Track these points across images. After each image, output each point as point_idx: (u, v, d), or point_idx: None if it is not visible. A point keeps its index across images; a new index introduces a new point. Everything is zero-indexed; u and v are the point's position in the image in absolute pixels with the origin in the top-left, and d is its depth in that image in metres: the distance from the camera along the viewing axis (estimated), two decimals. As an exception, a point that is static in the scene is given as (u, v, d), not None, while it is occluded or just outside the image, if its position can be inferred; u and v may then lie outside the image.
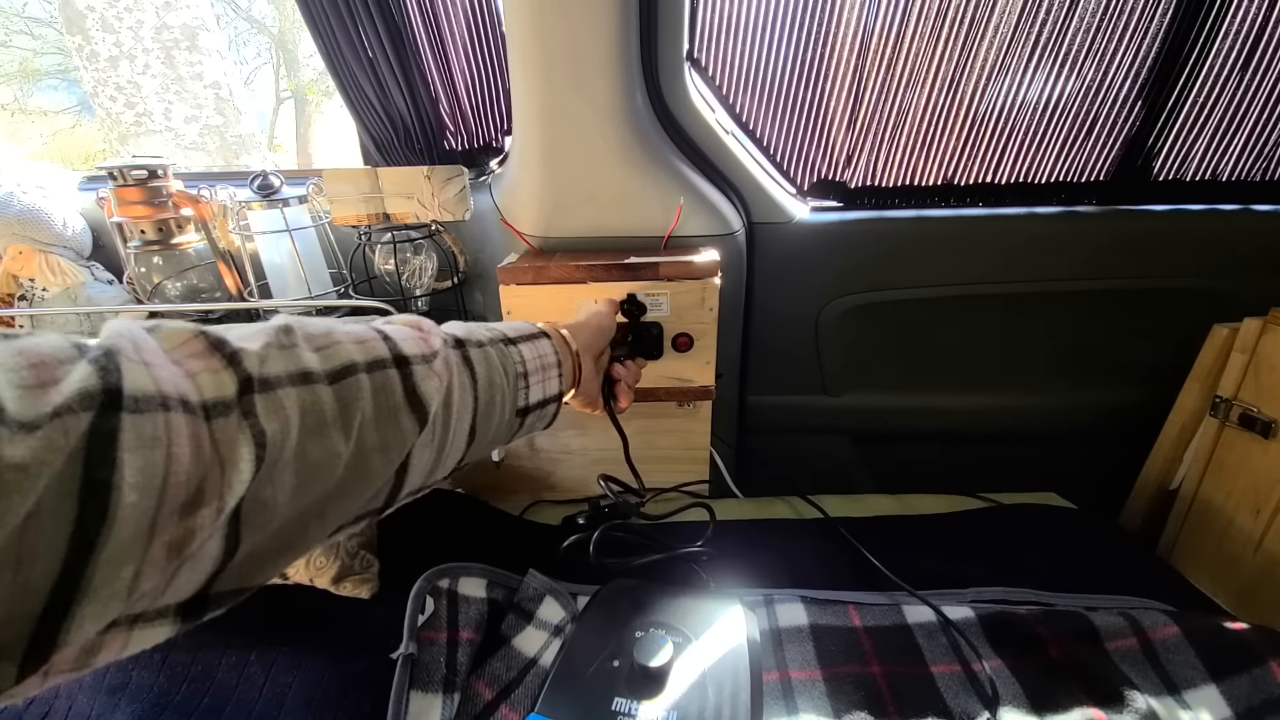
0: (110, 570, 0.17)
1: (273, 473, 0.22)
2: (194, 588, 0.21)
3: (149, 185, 0.74)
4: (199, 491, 0.20)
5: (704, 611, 0.49)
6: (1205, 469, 0.76)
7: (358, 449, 0.26)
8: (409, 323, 0.34)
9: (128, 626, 0.19)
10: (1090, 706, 0.46)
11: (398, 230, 0.76)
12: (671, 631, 0.45)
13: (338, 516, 0.27)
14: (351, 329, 0.29)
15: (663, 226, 0.72)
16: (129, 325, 0.22)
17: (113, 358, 0.19)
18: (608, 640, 0.45)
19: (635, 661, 0.41)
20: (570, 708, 0.40)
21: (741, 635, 0.47)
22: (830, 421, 0.92)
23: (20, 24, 5.34)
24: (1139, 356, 0.86)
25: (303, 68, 6.38)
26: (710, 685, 0.42)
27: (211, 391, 0.21)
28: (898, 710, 0.47)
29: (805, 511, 0.76)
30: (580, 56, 0.63)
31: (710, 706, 0.40)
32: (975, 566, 0.64)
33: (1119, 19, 0.68)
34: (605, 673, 0.42)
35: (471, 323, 0.40)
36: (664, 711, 0.39)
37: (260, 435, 0.22)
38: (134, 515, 0.18)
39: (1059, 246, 0.79)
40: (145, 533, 0.18)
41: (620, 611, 0.49)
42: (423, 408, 0.30)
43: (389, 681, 0.46)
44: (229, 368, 0.23)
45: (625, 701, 0.40)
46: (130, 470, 0.18)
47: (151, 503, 0.18)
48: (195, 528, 0.20)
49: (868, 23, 0.69)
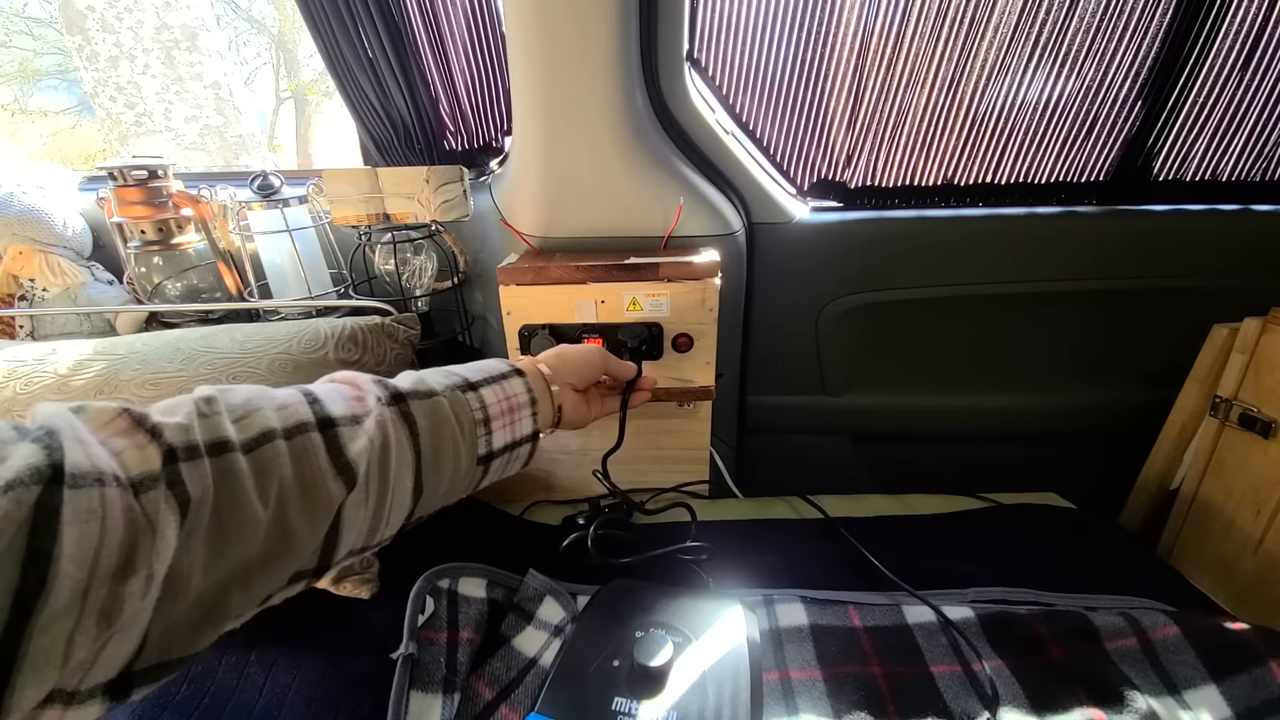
0: (45, 638, 0.18)
1: (188, 542, 0.23)
2: (118, 667, 0.22)
3: (149, 185, 0.74)
4: (129, 561, 0.21)
5: (704, 612, 0.49)
6: (1205, 469, 0.76)
7: (277, 514, 0.27)
8: (346, 380, 0.34)
9: (63, 705, 0.20)
10: (1090, 706, 0.46)
11: (398, 230, 0.76)
12: (671, 631, 0.45)
13: (264, 584, 0.27)
14: (277, 395, 0.30)
15: (663, 226, 0.72)
16: (56, 409, 0.23)
17: (54, 436, 0.21)
18: (608, 640, 0.45)
19: (635, 661, 0.41)
20: (570, 708, 0.40)
21: (741, 635, 0.47)
22: (830, 421, 0.92)
23: (20, 24, 5.34)
24: (1139, 356, 0.85)
25: (303, 68, 6.38)
26: (710, 685, 0.42)
27: (138, 467, 0.23)
28: (898, 710, 0.47)
29: (805, 511, 0.76)
30: (580, 56, 0.63)
31: (710, 707, 0.40)
32: (975, 566, 0.63)
33: (1119, 19, 0.68)
34: (605, 672, 0.42)
35: (431, 369, 0.39)
36: (664, 711, 0.39)
37: (184, 502, 0.23)
38: (69, 584, 0.19)
39: (1059, 246, 0.79)
40: (77, 601, 0.19)
41: (620, 611, 0.49)
42: (350, 470, 0.29)
43: (389, 681, 0.46)
44: (152, 442, 0.24)
45: (625, 701, 0.40)
46: (69, 542, 0.19)
47: (84, 573, 0.19)
48: (125, 596, 0.21)
49: (868, 23, 0.69)
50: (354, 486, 0.30)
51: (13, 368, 0.57)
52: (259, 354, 0.59)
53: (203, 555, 0.24)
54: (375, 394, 0.34)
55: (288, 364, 0.59)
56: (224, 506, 0.25)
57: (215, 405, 0.27)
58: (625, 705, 0.39)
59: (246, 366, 0.58)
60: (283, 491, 0.27)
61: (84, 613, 0.19)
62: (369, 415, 0.32)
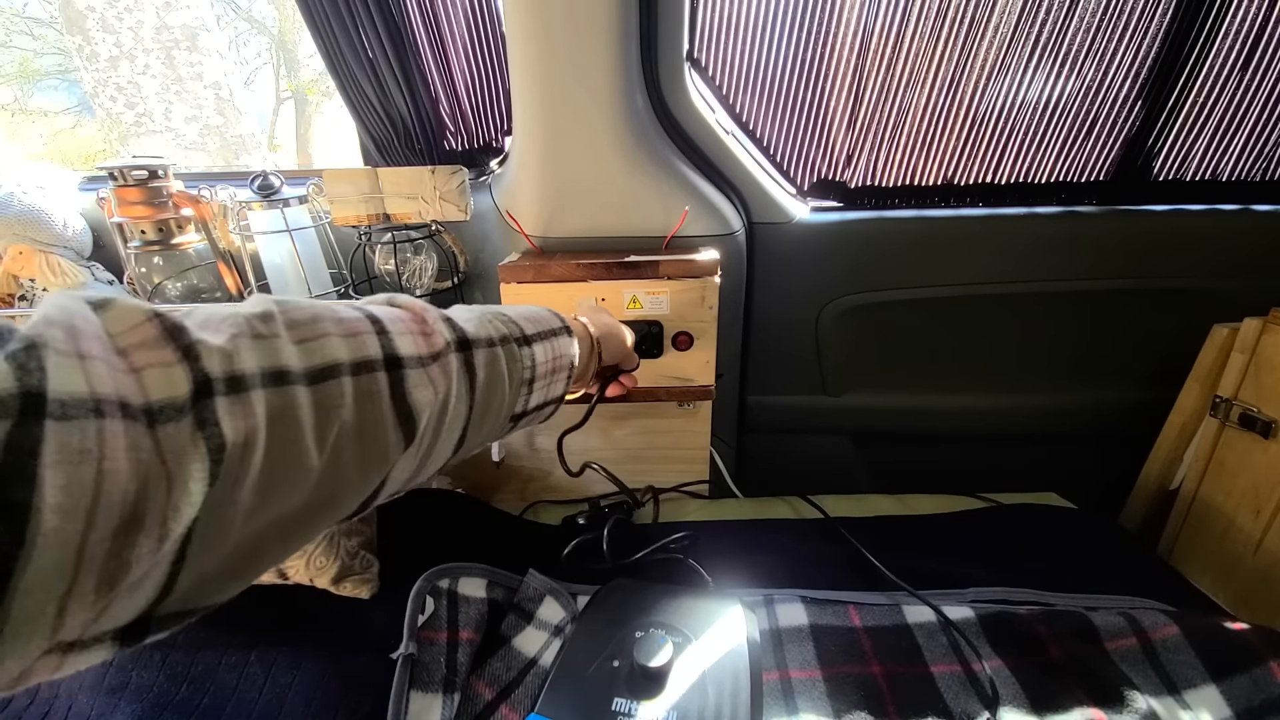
0: (30, 601, 0.15)
1: (232, 491, 0.19)
2: (133, 614, 0.18)
3: (149, 185, 0.74)
4: (135, 516, 0.17)
5: (704, 612, 0.49)
6: (1205, 469, 0.76)
7: (332, 463, 0.23)
8: (411, 309, 0.29)
9: (60, 653, 0.17)
10: (1090, 706, 0.46)
11: (398, 230, 0.76)
12: (671, 631, 0.45)
13: (303, 536, 0.24)
14: (341, 313, 0.25)
15: (663, 226, 0.72)
16: (69, 302, 0.18)
17: (35, 353, 0.16)
18: (607, 640, 0.45)
19: (635, 662, 0.41)
20: (570, 708, 0.40)
21: (741, 635, 0.47)
22: (830, 421, 0.92)
23: (20, 24, 5.34)
24: (1139, 356, 0.85)
25: (303, 68, 6.37)
26: (710, 685, 0.42)
27: (159, 392, 0.18)
28: (898, 710, 0.47)
29: (805, 511, 0.76)
30: (580, 57, 0.63)
31: (710, 706, 0.40)
32: (975, 566, 0.63)
33: (1119, 19, 0.68)
34: (605, 672, 0.42)
35: (488, 308, 0.36)
36: (664, 712, 0.39)
37: (218, 449, 0.19)
38: (57, 541, 0.15)
39: (1059, 246, 0.79)
40: (70, 563, 0.15)
41: (620, 611, 0.49)
42: (412, 420, 0.26)
43: (389, 681, 0.46)
44: (184, 362, 0.19)
45: (625, 701, 0.39)
46: (53, 489, 0.15)
47: (78, 527, 0.15)
48: (131, 559, 0.17)
49: (868, 23, 0.69)
50: (413, 440, 0.26)
51: (13, 367, 0.57)
52: (259, 354, 0.59)
53: (249, 504, 0.20)
54: (444, 335, 0.30)
55: (288, 364, 0.59)
56: (277, 450, 0.20)
57: (273, 323, 0.22)
58: (625, 705, 0.39)
59: (246, 366, 0.58)
60: (341, 437, 0.23)
61: (80, 573, 0.16)
62: (437, 359, 0.28)
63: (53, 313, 0.17)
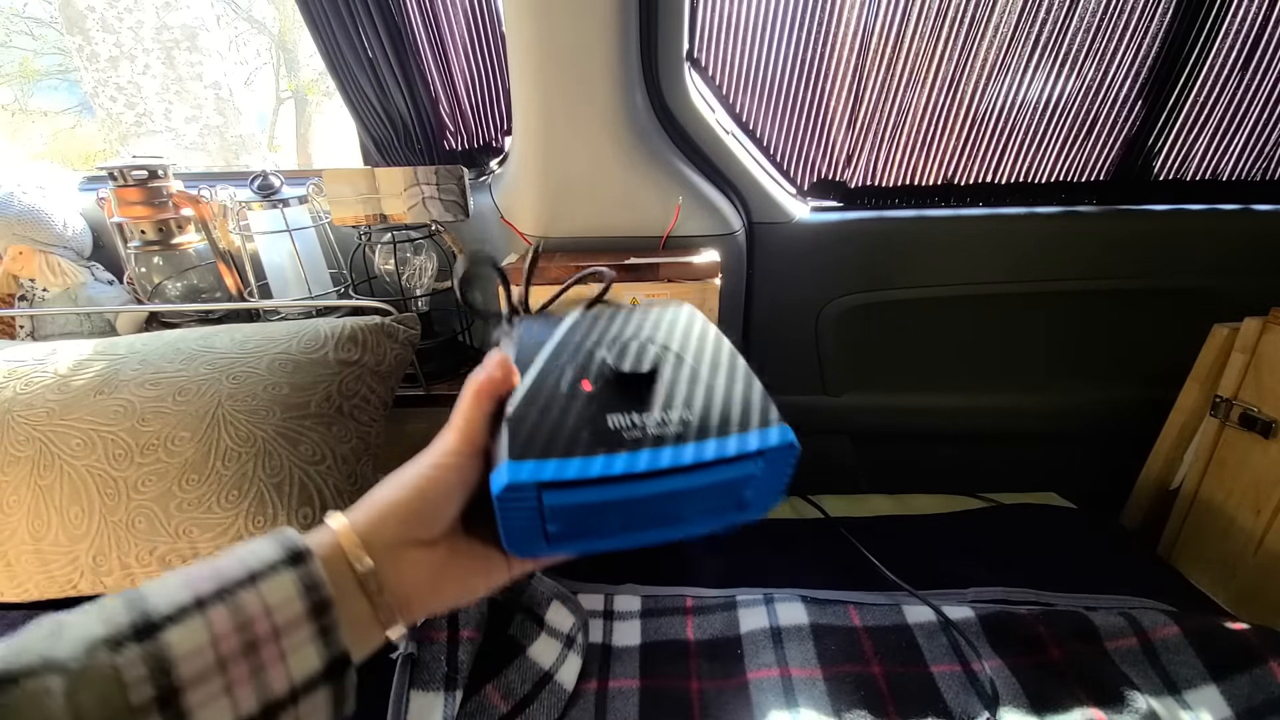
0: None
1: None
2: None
3: (149, 185, 0.74)
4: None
5: (652, 318, 0.39)
6: (1205, 469, 0.76)
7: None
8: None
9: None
10: (1090, 706, 0.46)
11: (397, 230, 0.76)
12: (637, 340, 0.35)
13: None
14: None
15: (662, 226, 0.72)
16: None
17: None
18: (562, 371, 0.33)
19: (616, 372, 0.31)
20: (553, 444, 0.29)
21: (703, 319, 0.38)
22: (830, 421, 0.92)
23: (20, 24, 5.33)
24: (1139, 356, 0.85)
25: (303, 68, 6.37)
26: (705, 376, 0.33)
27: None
28: (898, 710, 0.47)
29: (805, 511, 0.76)
30: (580, 56, 0.63)
31: (717, 395, 0.32)
32: (975, 566, 0.63)
33: (1119, 19, 0.68)
34: (579, 399, 0.31)
35: (168, 579, 0.22)
36: (674, 411, 0.30)
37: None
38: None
39: (1059, 246, 0.79)
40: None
41: (561, 343, 0.36)
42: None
43: (389, 682, 0.46)
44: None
45: (622, 416, 0.30)
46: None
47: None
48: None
49: (868, 23, 0.69)
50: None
51: (13, 368, 0.57)
52: (259, 354, 0.59)
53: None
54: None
55: (287, 364, 0.59)
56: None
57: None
58: (625, 420, 0.30)
59: (246, 366, 0.58)
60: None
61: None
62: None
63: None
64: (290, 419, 0.57)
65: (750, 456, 0.29)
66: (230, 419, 0.55)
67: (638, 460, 0.28)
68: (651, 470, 0.28)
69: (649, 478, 0.28)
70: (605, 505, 0.28)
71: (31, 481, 0.53)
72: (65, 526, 0.53)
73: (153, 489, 0.53)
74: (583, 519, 0.29)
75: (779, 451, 0.29)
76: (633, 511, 0.29)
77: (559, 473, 0.27)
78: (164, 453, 0.54)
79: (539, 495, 0.27)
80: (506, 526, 0.28)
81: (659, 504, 0.29)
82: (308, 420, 0.58)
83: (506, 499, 0.27)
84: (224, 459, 0.54)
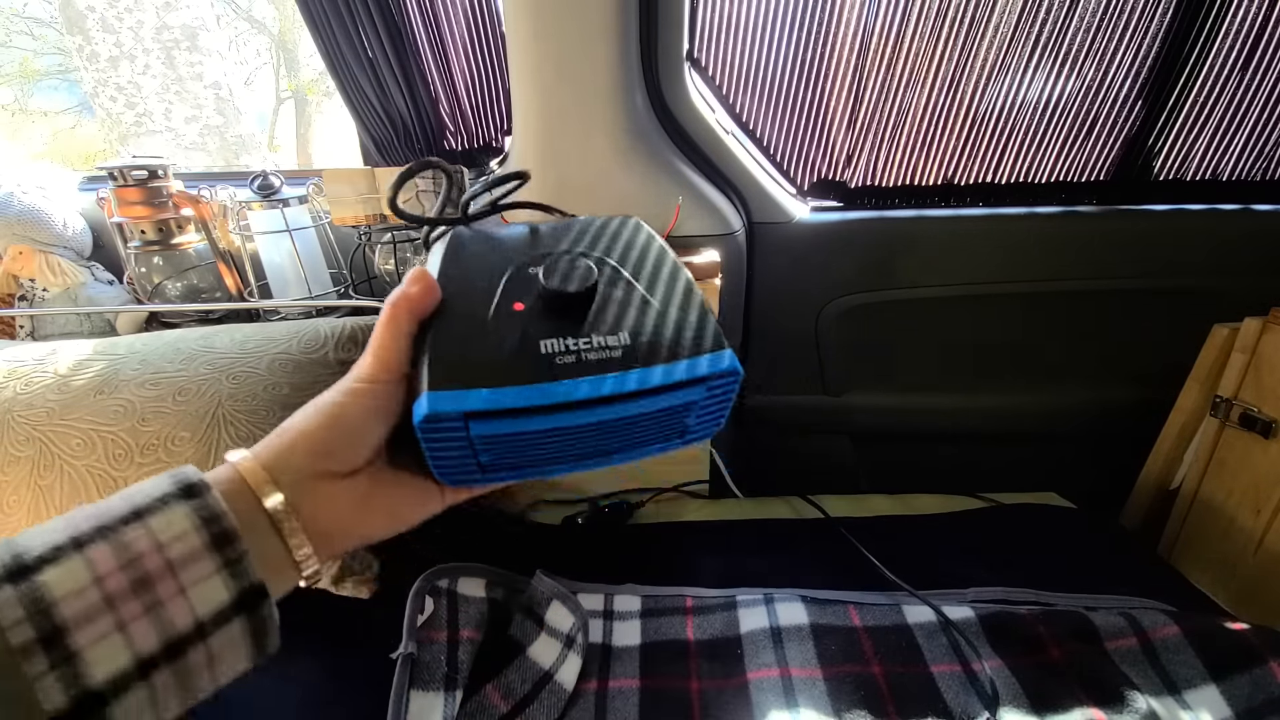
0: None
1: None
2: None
3: (149, 185, 0.74)
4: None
5: (594, 229, 0.35)
6: (1205, 469, 0.76)
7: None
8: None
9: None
10: (1090, 706, 0.46)
11: (398, 230, 0.76)
12: (577, 256, 0.31)
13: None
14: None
15: (662, 226, 0.72)
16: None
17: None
18: (494, 287, 0.29)
19: (548, 290, 0.28)
20: (482, 370, 0.26)
21: (650, 234, 0.35)
22: (830, 421, 0.92)
23: (20, 24, 5.34)
24: (1139, 356, 0.85)
25: (303, 68, 6.38)
26: (648, 292, 0.30)
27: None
28: (898, 710, 0.47)
29: (805, 511, 0.76)
30: (580, 56, 0.63)
31: (658, 312, 0.29)
32: (975, 566, 0.63)
33: (1119, 19, 0.68)
34: (509, 319, 0.28)
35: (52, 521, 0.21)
36: (612, 336, 0.27)
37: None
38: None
39: (1059, 246, 0.79)
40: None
41: (491, 258, 0.32)
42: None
43: (389, 682, 0.46)
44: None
45: (556, 341, 0.27)
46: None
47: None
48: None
49: (868, 23, 0.69)
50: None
51: (13, 368, 0.57)
52: (259, 354, 0.59)
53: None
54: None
55: (288, 364, 0.59)
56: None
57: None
58: (559, 345, 0.27)
59: (246, 366, 0.58)
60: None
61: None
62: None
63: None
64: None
65: (692, 383, 0.27)
66: (230, 419, 0.55)
67: (572, 388, 0.25)
68: (587, 399, 0.25)
69: (584, 406, 0.26)
70: (539, 434, 0.26)
71: (31, 482, 0.53)
72: (65, 526, 0.53)
73: (153, 489, 0.53)
74: (516, 448, 0.27)
75: (722, 378, 0.28)
76: (569, 440, 0.27)
77: (487, 402, 0.25)
78: (164, 453, 0.54)
79: (466, 425, 0.25)
80: (434, 458, 0.27)
81: (596, 432, 0.27)
82: (308, 420, 0.58)
83: (430, 430, 0.25)
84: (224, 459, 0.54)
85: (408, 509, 0.29)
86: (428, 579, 0.54)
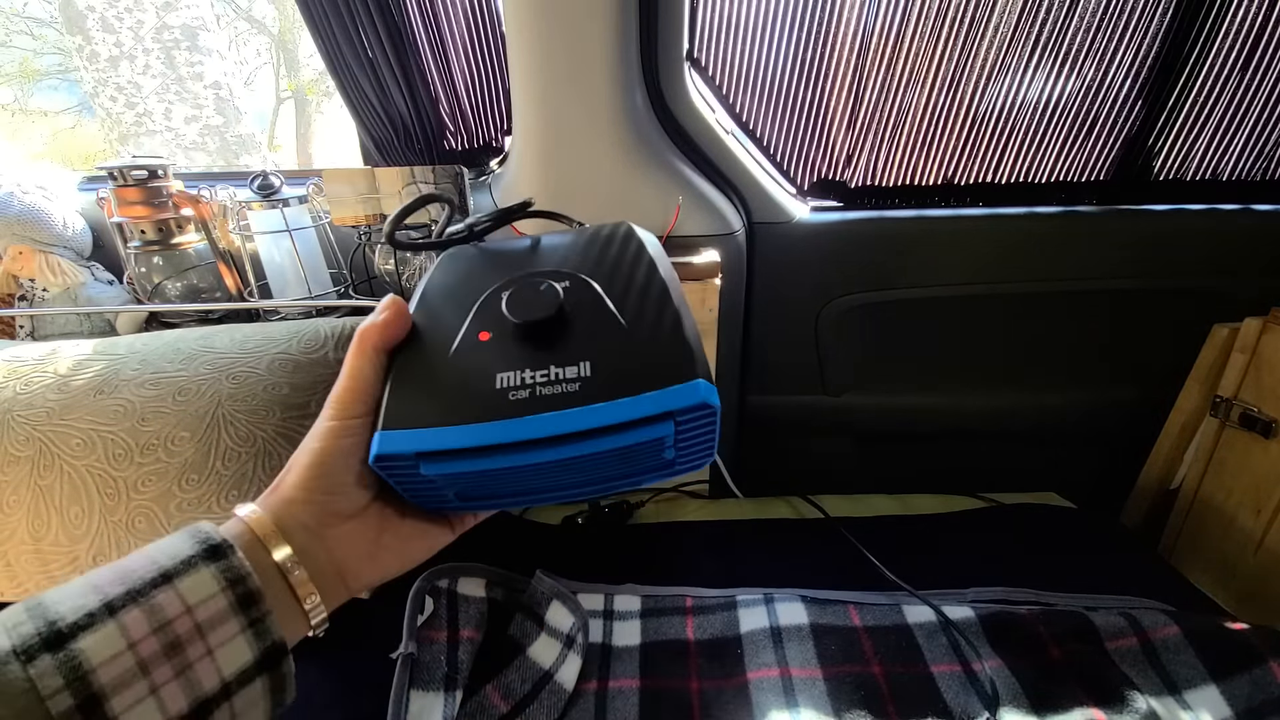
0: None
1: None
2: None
3: (149, 185, 0.74)
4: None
5: (582, 244, 0.33)
6: (1205, 469, 0.76)
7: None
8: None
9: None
10: (1090, 706, 0.46)
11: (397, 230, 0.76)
12: (553, 277, 0.30)
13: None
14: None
15: (662, 226, 0.72)
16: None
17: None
18: (464, 316, 0.29)
19: (511, 322, 0.27)
20: (433, 408, 0.25)
21: (640, 246, 0.33)
22: (830, 421, 0.92)
23: (20, 24, 5.34)
24: (1139, 356, 0.85)
25: (303, 68, 6.37)
26: (622, 315, 0.28)
27: None
28: (898, 710, 0.47)
29: (805, 511, 0.76)
30: (580, 56, 0.63)
31: (629, 339, 0.27)
32: (975, 566, 0.64)
33: (1119, 19, 0.68)
34: (472, 351, 0.27)
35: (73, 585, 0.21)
36: (571, 367, 0.26)
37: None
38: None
39: (1059, 246, 0.79)
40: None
41: (473, 281, 0.31)
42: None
43: (389, 682, 0.46)
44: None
45: (512, 374, 0.26)
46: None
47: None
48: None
49: (868, 23, 0.69)
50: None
51: (13, 368, 0.57)
52: (259, 354, 0.59)
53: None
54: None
55: (287, 364, 0.59)
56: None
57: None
58: (514, 378, 0.26)
59: (246, 366, 0.58)
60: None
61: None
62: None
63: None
64: (290, 419, 0.57)
65: (656, 419, 0.25)
66: (230, 419, 0.55)
67: (522, 428, 0.24)
68: (535, 439, 0.24)
69: (535, 446, 0.24)
70: (491, 473, 0.25)
71: (31, 481, 0.53)
72: (65, 526, 0.53)
73: (153, 489, 0.53)
74: (480, 484, 0.26)
75: (690, 412, 0.25)
76: (533, 476, 0.26)
77: (435, 442, 0.24)
78: (164, 453, 0.54)
79: (418, 465, 0.24)
80: (404, 493, 0.27)
81: (560, 469, 0.26)
82: (308, 420, 0.58)
83: (385, 470, 0.25)
84: (224, 459, 0.54)
85: (416, 545, 0.29)
86: (427, 579, 0.54)
